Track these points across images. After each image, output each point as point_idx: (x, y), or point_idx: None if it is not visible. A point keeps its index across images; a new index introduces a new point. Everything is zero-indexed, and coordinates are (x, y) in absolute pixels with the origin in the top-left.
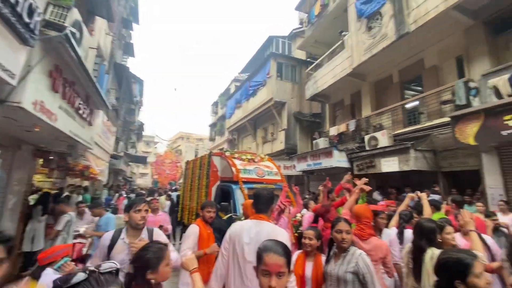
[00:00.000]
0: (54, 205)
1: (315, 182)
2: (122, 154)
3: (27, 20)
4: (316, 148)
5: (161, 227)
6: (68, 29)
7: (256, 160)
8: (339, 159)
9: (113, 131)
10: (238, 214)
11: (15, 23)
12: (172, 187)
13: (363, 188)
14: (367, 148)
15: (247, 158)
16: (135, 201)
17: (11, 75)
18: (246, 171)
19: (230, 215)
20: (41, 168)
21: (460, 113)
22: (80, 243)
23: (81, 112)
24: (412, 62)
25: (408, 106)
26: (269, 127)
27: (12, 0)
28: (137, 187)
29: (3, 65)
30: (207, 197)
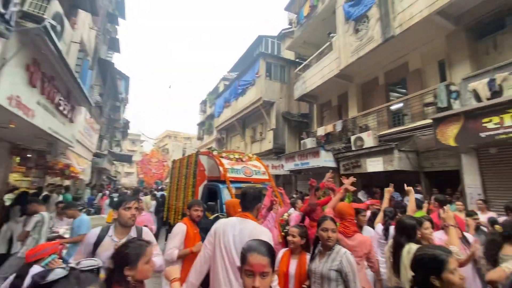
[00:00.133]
0: (25, 205)
1: (302, 182)
2: (106, 153)
3: (1, 11)
4: (304, 148)
5: (145, 227)
6: (47, 21)
7: (244, 160)
8: (326, 159)
9: (96, 129)
10: (225, 214)
11: None
12: (158, 186)
13: (348, 189)
14: (353, 149)
15: (234, 158)
16: (125, 198)
17: None
18: (234, 170)
19: (216, 214)
20: (18, 166)
21: (442, 115)
22: (61, 244)
23: (61, 108)
24: (397, 65)
25: (393, 107)
26: (257, 126)
27: None
28: (121, 187)
29: None
30: (193, 196)
